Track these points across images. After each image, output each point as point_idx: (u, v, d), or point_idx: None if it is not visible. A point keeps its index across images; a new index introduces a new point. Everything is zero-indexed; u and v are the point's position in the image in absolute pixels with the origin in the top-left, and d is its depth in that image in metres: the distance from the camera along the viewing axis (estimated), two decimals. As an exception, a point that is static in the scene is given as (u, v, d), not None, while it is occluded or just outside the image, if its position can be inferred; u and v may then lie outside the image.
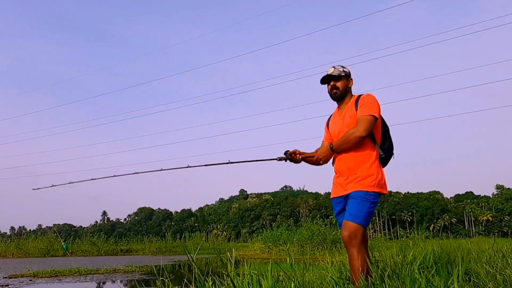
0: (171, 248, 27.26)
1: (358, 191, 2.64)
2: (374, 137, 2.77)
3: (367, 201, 2.61)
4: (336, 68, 2.90)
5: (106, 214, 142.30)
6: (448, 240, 24.59)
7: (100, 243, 27.40)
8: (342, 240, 2.63)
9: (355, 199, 2.63)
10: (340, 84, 2.88)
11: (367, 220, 2.61)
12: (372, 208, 2.63)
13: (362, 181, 2.66)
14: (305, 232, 18.04)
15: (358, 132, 2.66)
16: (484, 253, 5.21)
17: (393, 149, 2.87)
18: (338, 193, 2.81)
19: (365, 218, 2.59)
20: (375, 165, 2.71)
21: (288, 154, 2.88)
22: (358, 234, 2.55)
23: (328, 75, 2.90)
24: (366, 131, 2.65)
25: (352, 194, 2.66)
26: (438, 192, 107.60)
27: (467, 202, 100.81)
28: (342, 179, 2.78)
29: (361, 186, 2.65)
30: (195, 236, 34.87)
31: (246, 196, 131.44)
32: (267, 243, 19.49)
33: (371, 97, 2.78)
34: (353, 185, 2.69)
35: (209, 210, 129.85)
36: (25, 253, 22.96)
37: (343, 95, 2.90)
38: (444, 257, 3.38)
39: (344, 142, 2.73)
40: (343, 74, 2.89)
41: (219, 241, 35.55)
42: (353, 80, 2.95)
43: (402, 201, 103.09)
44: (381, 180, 2.70)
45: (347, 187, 2.73)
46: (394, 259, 3.21)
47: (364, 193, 2.62)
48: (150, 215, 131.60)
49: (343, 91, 2.89)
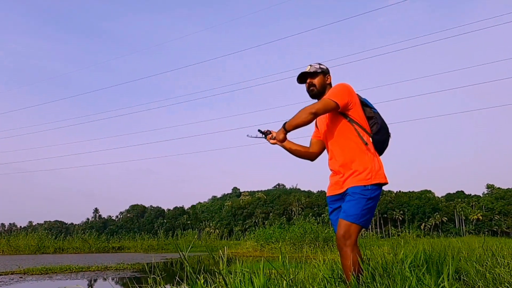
0: (163, 246, 27.17)
1: (355, 186, 2.57)
2: (361, 126, 2.70)
3: (364, 198, 2.54)
4: (312, 65, 2.86)
5: (98, 211, 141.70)
6: (439, 239, 24.79)
7: (91, 240, 27.20)
8: (336, 239, 2.57)
9: (351, 196, 2.57)
10: (317, 81, 2.83)
11: (364, 218, 2.53)
12: (370, 204, 2.55)
13: (358, 176, 2.59)
14: (297, 230, 18.07)
15: (309, 108, 2.60)
16: (474, 252, 5.27)
17: (387, 130, 2.77)
18: (335, 191, 2.76)
19: (361, 216, 2.52)
20: (368, 156, 2.64)
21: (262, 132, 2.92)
22: (353, 233, 2.49)
23: (303, 72, 2.85)
24: (318, 110, 2.59)
25: (349, 190, 2.60)
26: (429, 191, 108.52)
27: (458, 201, 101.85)
28: (338, 177, 2.73)
29: (358, 181, 2.58)
30: (188, 233, 34.76)
31: (239, 194, 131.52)
32: (260, 241, 19.51)
33: (337, 85, 2.74)
34: (350, 181, 2.62)
35: (201, 208, 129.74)
36: (15, 250, 22.75)
37: (320, 91, 2.84)
38: (434, 256, 3.41)
39: (293, 118, 2.65)
40: (319, 71, 2.84)
41: (211, 239, 35.47)
42: (331, 76, 2.90)
43: (394, 200, 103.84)
44: (378, 170, 2.63)
45: (344, 184, 2.67)
46: (385, 258, 3.22)
47: (360, 189, 2.55)
48: (143, 212, 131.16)
49: (320, 88, 2.83)
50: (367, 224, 2.57)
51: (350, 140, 2.68)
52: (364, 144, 2.66)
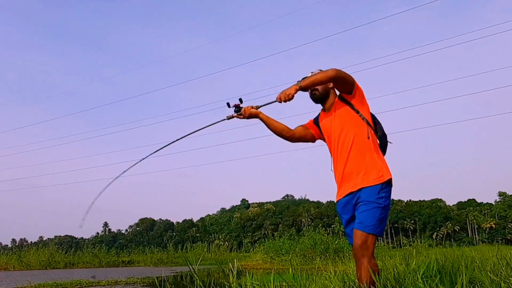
0: (173, 259, 27.07)
1: (368, 188, 2.52)
2: (370, 125, 2.69)
3: (379, 206, 2.49)
4: (313, 72, 2.82)
5: (108, 225, 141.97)
6: (451, 248, 24.40)
7: (101, 255, 27.24)
8: (353, 250, 2.51)
9: (366, 206, 2.50)
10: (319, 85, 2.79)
11: (380, 227, 2.49)
12: (384, 213, 2.51)
13: (371, 175, 2.56)
14: (307, 242, 17.92)
15: (334, 69, 2.58)
16: (488, 261, 5.17)
17: (386, 137, 2.78)
18: (346, 190, 2.65)
19: (378, 226, 2.47)
20: (378, 154, 2.64)
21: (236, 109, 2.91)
22: (370, 244, 2.44)
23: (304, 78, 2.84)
24: (341, 73, 2.59)
25: (362, 196, 2.54)
26: (440, 200, 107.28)
27: (469, 210, 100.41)
28: (350, 176, 2.64)
29: (371, 180, 2.54)
30: (197, 246, 34.64)
31: (247, 206, 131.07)
32: (269, 253, 19.35)
33: None
34: (362, 179, 2.56)
35: (210, 220, 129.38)
36: (26, 265, 22.82)
37: (323, 95, 2.82)
38: (448, 266, 3.36)
39: (316, 74, 2.63)
40: None
41: (221, 251, 35.31)
42: None
43: (405, 209, 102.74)
44: (386, 167, 2.63)
45: (356, 183, 2.59)
46: (397, 269, 3.18)
47: (375, 197, 2.50)
48: (152, 225, 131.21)
49: (322, 92, 2.81)
50: (383, 232, 2.54)
51: (363, 138, 2.65)
52: (376, 142, 2.68)
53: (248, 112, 2.89)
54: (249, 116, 2.92)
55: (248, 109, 2.90)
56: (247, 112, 2.90)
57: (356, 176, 2.60)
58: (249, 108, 2.90)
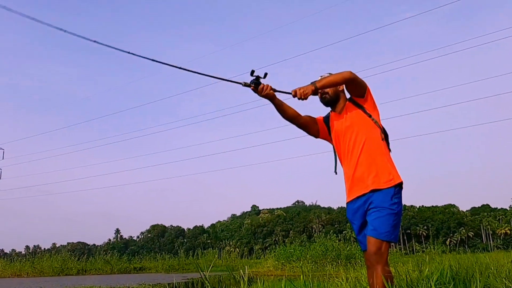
0: (184, 266, 27.10)
1: (381, 192, 2.51)
2: (381, 129, 2.70)
3: (392, 212, 2.47)
4: (322, 75, 2.80)
5: (119, 232, 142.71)
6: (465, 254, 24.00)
7: (113, 261, 27.40)
8: (366, 256, 2.49)
9: (379, 212, 2.48)
10: (329, 88, 2.77)
11: (394, 233, 2.47)
12: (397, 219, 2.50)
13: (382, 177, 2.55)
14: (318, 248, 17.81)
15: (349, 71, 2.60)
16: (503, 267, 5.08)
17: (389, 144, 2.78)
18: (357, 192, 2.61)
19: (392, 232, 2.46)
20: (388, 157, 2.65)
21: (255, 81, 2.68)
22: (385, 251, 2.43)
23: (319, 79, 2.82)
24: (357, 77, 2.62)
25: (375, 201, 2.51)
26: (453, 205, 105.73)
27: (483, 215, 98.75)
28: (361, 177, 2.62)
29: (383, 183, 2.53)
30: (208, 253, 34.63)
31: (258, 212, 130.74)
32: (280, 259, 19.26)
33: None
34: (373, 182, 2.55)
35: (221, 227, 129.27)
36: (39, 272, 23.06)
37: (333, 98, 2.80)
38: (462, 272, 3.31)
39: (331, 76, 2.63)
40: None
41: (231, 258, 35.24)
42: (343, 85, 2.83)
43: (417, 215, 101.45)
44: (396, 169, 2.63)
45: (368, 185, 2.57)
46: (410, 275, 3.15)
47: (389, 203, 2.48)
48: (163, 232, 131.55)
49: (333, 95, 2.79)
50: (397, 239, 2.53)
51: (374, 141, 2.65)
52: (386, 146, 2.69)
53: (267, 91, 2.69)
54: (266, 95, 2.71)
55: (267, 87, 2.70)
56: (266, 91, 2.69)
57: (367, 178, 2.58)
58: (269, 87, 2.70)
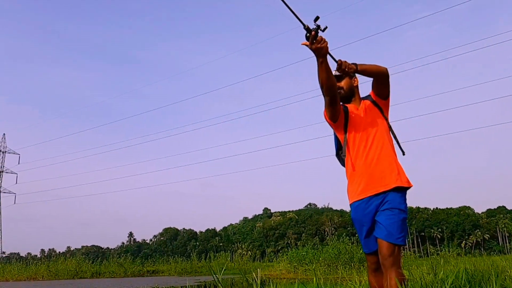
0: (197, 269, 27.19)
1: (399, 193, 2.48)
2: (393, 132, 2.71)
3: (403, 213, 2.45)
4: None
5: (133, 235, 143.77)
6: (481, 257, 23.62)
7: (127, 264, 27.61)
8: (381, 260, 2.42)
9: (392, 212, 2.43)
10: (344, 83, 2.71)
11: (405, 237, 2.47)
12: (406, 220, 2.49)
13: (403, 176, 2.53)
14: (331, 251, 17.70)
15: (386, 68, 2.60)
16: (520, 270, 4.99)
17: None
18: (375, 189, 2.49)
19: (405, 236, 2.45)
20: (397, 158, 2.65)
21: (316, 29, 2.35)
22: (398, 254, 2.40)
23: None
24: (389, 78, 2.62)
25: (391, 201, 2.45)
26: (468, 207, 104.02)
27: (499, 217, 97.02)
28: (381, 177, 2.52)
29: (404, 182, 2.51)
30: (220, 256, 34.67)
31: (270, 215, 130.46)
32: (293, 262, 19.19)
33: None
34: (396, 179, 2.49)
35: (233, 230, 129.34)
36: (54, 275, 23.36)
37: (348, 94, 2.73)
38: (477, 275, 3.26)
39: (372, 64, 2.57)
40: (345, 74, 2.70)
41: (244, 261, 35.20)
42: (358, 79, 2.77)
43: (431, 217, 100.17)
44: None
45: (388, 182, 2.48)
46: (424, 278, 3.12)
47: (404, 205, 2.47)
48: (175, 235, 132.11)
49: (348, 90, 2.72)
50: (405, 241, 2.51)
51: (391, 142, 2.66)
52: (400, 149, 2.71)
53: (324, 44, 2.39)
54: (320, 48, 2.38)
55: (326, 42, 2.40)
56: (323, 43, 2.38)
57: (389, 175, 2.52)
58: (326, 42, 2.41)
